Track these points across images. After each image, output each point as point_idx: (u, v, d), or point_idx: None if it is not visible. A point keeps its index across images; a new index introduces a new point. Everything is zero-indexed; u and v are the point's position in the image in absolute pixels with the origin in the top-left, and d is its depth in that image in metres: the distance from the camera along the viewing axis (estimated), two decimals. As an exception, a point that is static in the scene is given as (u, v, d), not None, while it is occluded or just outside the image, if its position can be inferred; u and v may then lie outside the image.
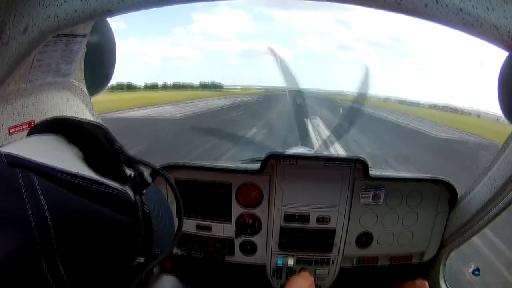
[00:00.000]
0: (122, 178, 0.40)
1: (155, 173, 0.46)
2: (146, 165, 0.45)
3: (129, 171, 0.42)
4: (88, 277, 0.34)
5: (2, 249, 0.28)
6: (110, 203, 0.36)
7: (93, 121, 0.44)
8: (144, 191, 0.42)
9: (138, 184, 0.41)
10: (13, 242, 0.28)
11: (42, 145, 0.39)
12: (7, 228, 0.29)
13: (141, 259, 0.41)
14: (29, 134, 0.44)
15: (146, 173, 0.43)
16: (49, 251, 0.30)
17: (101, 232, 0.34)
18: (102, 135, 0.41)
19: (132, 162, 0.43)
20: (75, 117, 0.43)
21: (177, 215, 0.49)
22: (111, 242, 0.36)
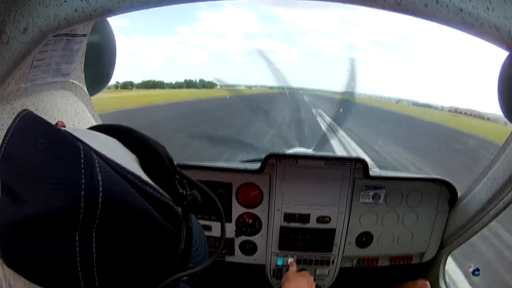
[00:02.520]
0: (174, 195, 0.40)
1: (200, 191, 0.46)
2: (200, 187, 0.46)
3: (181, 190, 0.42)
4: (116, 268, 0.32)
5: (44, 203, 0.28)
6: (160, 208, 0.36)
7: (155, 139, 0.44)
8: (192, 210, 0.42)
9: (189, 202, 0.41)
10: (57, 200, 0.28)
11: (101, 139, 0.40)
12: (56, 187, 0.29)
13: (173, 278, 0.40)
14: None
15: (198, 195, 0.44)
16: (89, 224, 0.29)
17: (144, 229, 0.34)
18: (163, 151, 0.42)
19: (186, 183, 0.44)
20: (134, 129, 0.44)
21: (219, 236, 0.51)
22: (149, 242, 0.35)
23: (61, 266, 0.30)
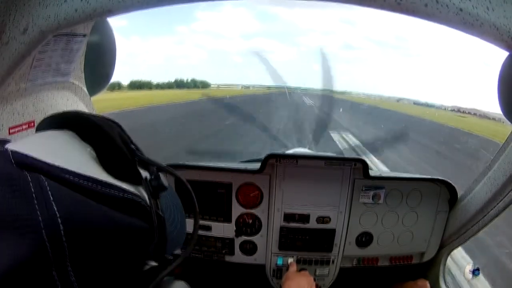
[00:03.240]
0: (136, 180, 0.39)
1: (168, 174, 0.44)
2: (162, 168, 0.43)
3: (144, 173, 0.41)
4: (99, 283, 0.32)
5: (11, 254, 0.27)
6: (124, 207, 0.35)
7: (108, 117, 0.42)
8: (160, 194, 0.41)
9: (154, 187, 0.40)
10: (22, 248, 0.27)
11: (52, 142, 0.37)
12: (17, 233, 0.27)
13: (153, 264, 0.39)
14: (38, 128, 0.42)
15: (162, 176, 0.42)
16: (61, 260, 0.29)
17: (114, 238, 0.33)
18: (117, 133, 0.40)
19: (148, 164, 0.42)
20: (89, 112, 0.41)
21: (192, 217, 0.48)
22: (123, 247, 0.34)
23: None
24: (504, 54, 0.65)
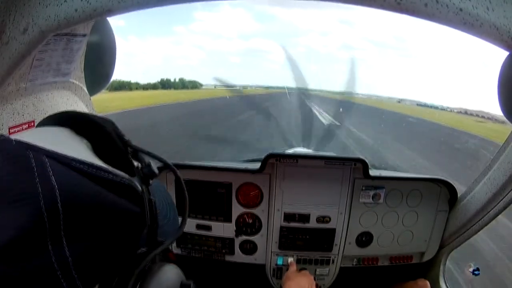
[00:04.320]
0: (130, 170, 0.41)
1: (161, 167, 0.46)
2: (154, 157, 0.46)
3: (136, 163, 0.43)
4: (93, 262, 0.34)
5: (11, 225, 0.28)
6: (118, 190, 0.37)
7: (101, 116, 0.44)
8: (151, 181, 0.43)
9: (145, 174, 0.42)
10: (21, 219, 0.29)
11: (51, 135, 0.40)
12: (17, 205, 0.29)
13: (145, 249, 0.41)
14: (37, 127, 0.44)
15: (154, 165, 0.44)
16: (56, 231, 0.30)
17: (108, 218, 0.35)
18: (111, 128, 0.42)
19: (140, 155, 0.44)
20: (83, 112, 0.44)
21: (182, 207, 0.50)
22: (117, 228, 0.36)
23: (43, 279, 0.30)
24: (504, 54, 0.65)
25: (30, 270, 0.30)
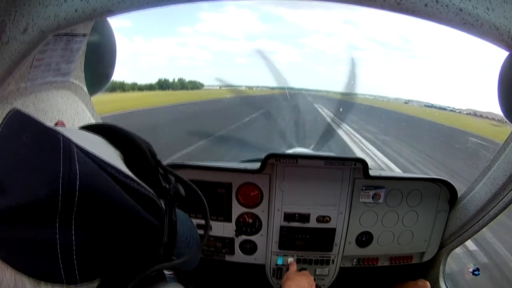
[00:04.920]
0: (157, 189, 0.41)
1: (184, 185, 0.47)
2: (182, 181, 0.47)
3: (164, 184, 0.43)
4: (95, 255, 0.33)
5: (26, 192, 0.30)
6: (141, 201, 0.37)
7: (139, 136, 0.45)
8: (176, 203, 0.44)
9: (172, 196, 0.43)
10: (37, 189, 0.30)
11: (85, 136, 0.41)
12: (37, 175, 0.30)
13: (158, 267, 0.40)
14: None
15: (181, 189, 0.45)
16: (68, 213, 0.31)
17: (123, 219, 0.35)
18: (146, 146, 0.44)
19: (170, 177, 0.45)
20: (120, 127, 0.45)
21: (205, 224, 0.52)
22: (131, 233, 0.36)
23: (43, 253, 0.31)
24: (504, 54, 0.65)
25: (31, 239, 0.30)
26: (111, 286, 0.35)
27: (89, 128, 0.45)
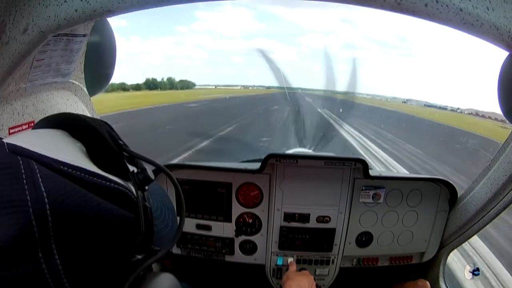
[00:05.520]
0: (125, 175, 0.40)
1: (157, 170, 0.46)
2: (149, 162, 0.45)
3: (131, 168, 0.42)
4: (84, 270, 0.33)
5: (2, 234, 0.28)
6: (112, 197, 0.36)
7: (97, 118, 0.44)
8: (147, 187, 0.42)
9: (141, 180, 0.41)
10: (10, 227, 0.28)
11: (44, 137, 0.39)
12: (6, 212, 0.28)
13: (140, 256, 0.40)
14: (34, 128, 0.44)
15: (149, 170, 0.43)
16: (46, 239, 0.30)
17: (100, 225, 0.34)
18: (106, 131, 0.41)
19: (135, 159, 0.43)
20: (78, 113, 0.43)
21: (177, 213, 0.49)
22: (110, 236, 0.35)
23: (34, 287, 0.30)
24: (504, 54, 0.65)
25: (20, 277, 0.29)
26: None
27: (48, 121, 0.43)
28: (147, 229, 0.40)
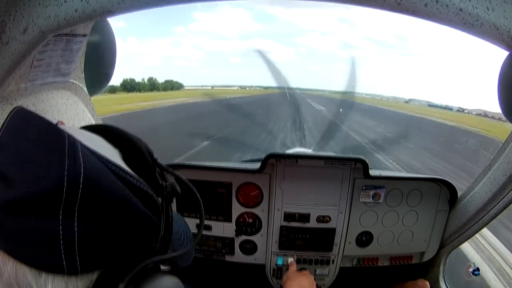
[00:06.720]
0: (155, 186, 0.42)
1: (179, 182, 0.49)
2: (178, 178, 0.49)
3: (161, 181, 0.45)
4: (97, 248, 0.34)
5: (31, 183, 0.30)
6: (140, 196, 0.38)
7: (136, 136, 0.47)
8: (173, 201, 0.45)
9: (168, 192, 0.44)
10: (43, 180, 0.30)
11: (87, 134, 0.43)
12: (43, 168, 0.31)
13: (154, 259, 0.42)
14: None
15: (177, 186, 0.46)
16: (71, 204, 0.31)
17: (124, 212, 0.36)
18: (144, 145, 0.46)
19: (165, 175, 0.47)
20: (118, 127, 0.47)
21: (195, 226, 0.53)
22: (130, 226, 0.37)
23: (45, 244, 0.31)
24: (504, 54, 0.65)
25: (35, 229, 0.31)
26: (110, 277, 0.35)
27: (88, 128, 0.46)
28: (165, 235, 0.42)
